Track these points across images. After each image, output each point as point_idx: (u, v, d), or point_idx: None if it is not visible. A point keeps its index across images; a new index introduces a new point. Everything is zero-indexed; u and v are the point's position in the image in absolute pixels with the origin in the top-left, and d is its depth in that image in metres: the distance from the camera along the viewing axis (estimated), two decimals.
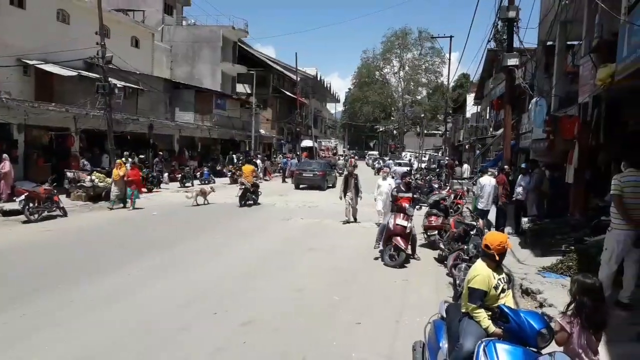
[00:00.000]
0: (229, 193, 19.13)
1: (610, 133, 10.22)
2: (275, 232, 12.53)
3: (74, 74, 21.01)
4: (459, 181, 22.74)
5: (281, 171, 31.20)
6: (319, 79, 63.44)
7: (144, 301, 6.68)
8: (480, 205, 11.46)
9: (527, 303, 6.65)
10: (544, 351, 3.25)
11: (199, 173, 25.77)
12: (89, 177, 16.73)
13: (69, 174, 16.75)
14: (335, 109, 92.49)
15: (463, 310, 3.78)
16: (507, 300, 3.81)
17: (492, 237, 3.94)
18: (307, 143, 51.50)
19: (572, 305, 3.36)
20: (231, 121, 35.15)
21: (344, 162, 41.25)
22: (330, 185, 25.89)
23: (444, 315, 3.99)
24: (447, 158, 39.05)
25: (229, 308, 6.46)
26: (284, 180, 28.92)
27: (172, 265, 8.73)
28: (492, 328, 3.53)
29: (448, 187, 19.88)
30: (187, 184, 23.34)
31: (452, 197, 15.71)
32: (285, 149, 47.55)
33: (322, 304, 6.83)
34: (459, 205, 14.69)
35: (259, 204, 17.56)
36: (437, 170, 31.53)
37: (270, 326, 5.88)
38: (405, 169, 30.78)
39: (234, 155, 30.85)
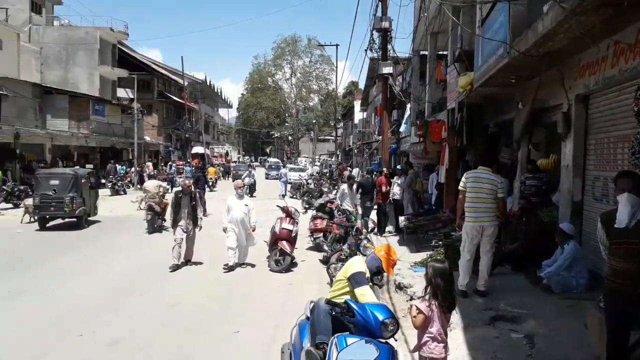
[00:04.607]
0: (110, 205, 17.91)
1: (473, 135, 11.20)
2: (153, 244, 11.86)
3: None
4: None
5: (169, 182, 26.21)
6: (208, 83, 61.94)
7: None
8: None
9: (399, 297, 6.99)
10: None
11: None
12: None
13: None
14: (228, 114, 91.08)
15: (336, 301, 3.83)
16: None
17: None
18: (198, 149, 49.89)
19: (429, 289, 3.57)
20: (111, 128, 33.02)
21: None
22: None
23: (309, 315, 4.03)
24: (332, 163, 40.43)
25: (96, 328, 5.98)
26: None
27: (34, 286, 7.94)
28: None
29: (336, 190, 20.41)
30: None
31: None
32: (175, 156, 45.71)
33: (199, 316, 6.58)
34: None
35: None
36: (328, 174, 32.27)
37: (138, 344, 5.54)
38: (298, 174, 31.19)
39: (117, 165, 28.86)
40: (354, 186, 12.34)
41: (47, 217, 14.02)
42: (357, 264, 4.14)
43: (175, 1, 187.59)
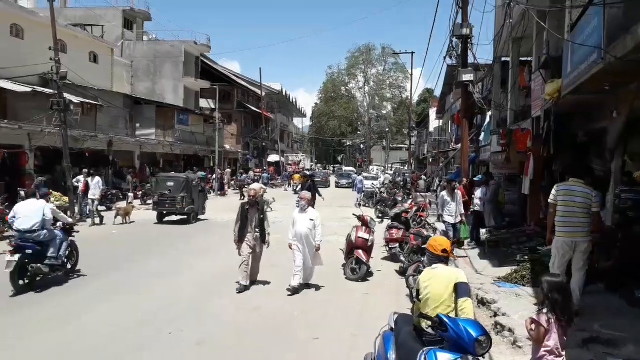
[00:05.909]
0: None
1: (560, 145, 10.61)
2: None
3: (28, 90, 20.33)
4: (422, 194, 23.04)
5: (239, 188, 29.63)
6: (284, 93, 63.57)
7: (92, 324, 6.45)
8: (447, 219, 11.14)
9: (482, 313, 6.75)
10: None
11: None
12: None
13: (22, 193, 16.12)
14: (302, 123, 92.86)
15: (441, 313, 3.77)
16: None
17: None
18: (274, 158, 51.46)
19: (546, 304, 3.54)
20: (194, 136, 34.81)
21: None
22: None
23: (393, 327, 4.02)
24: (405, 172, 39.90)
25: (184, 327, 6.31)
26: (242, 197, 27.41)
27: (126, 285, 8.49)
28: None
29: (411, 200, 20.11)
30: (148, 202, 22.86)
31: (415, 210, 15.95)
32: (252, 164, 47.30)
33: (279, 320, 6.76)
34: (422, 218, 14.86)
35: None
36: (402, 183, 31.87)
37: (224, 345, 5.78)
38: (371, 182, 31.04)
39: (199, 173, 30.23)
40: (457, 192, 11.29)
41: (164, 212, 16.63)
42: (463, 275, 4.11)
43: (254, 15, 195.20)
